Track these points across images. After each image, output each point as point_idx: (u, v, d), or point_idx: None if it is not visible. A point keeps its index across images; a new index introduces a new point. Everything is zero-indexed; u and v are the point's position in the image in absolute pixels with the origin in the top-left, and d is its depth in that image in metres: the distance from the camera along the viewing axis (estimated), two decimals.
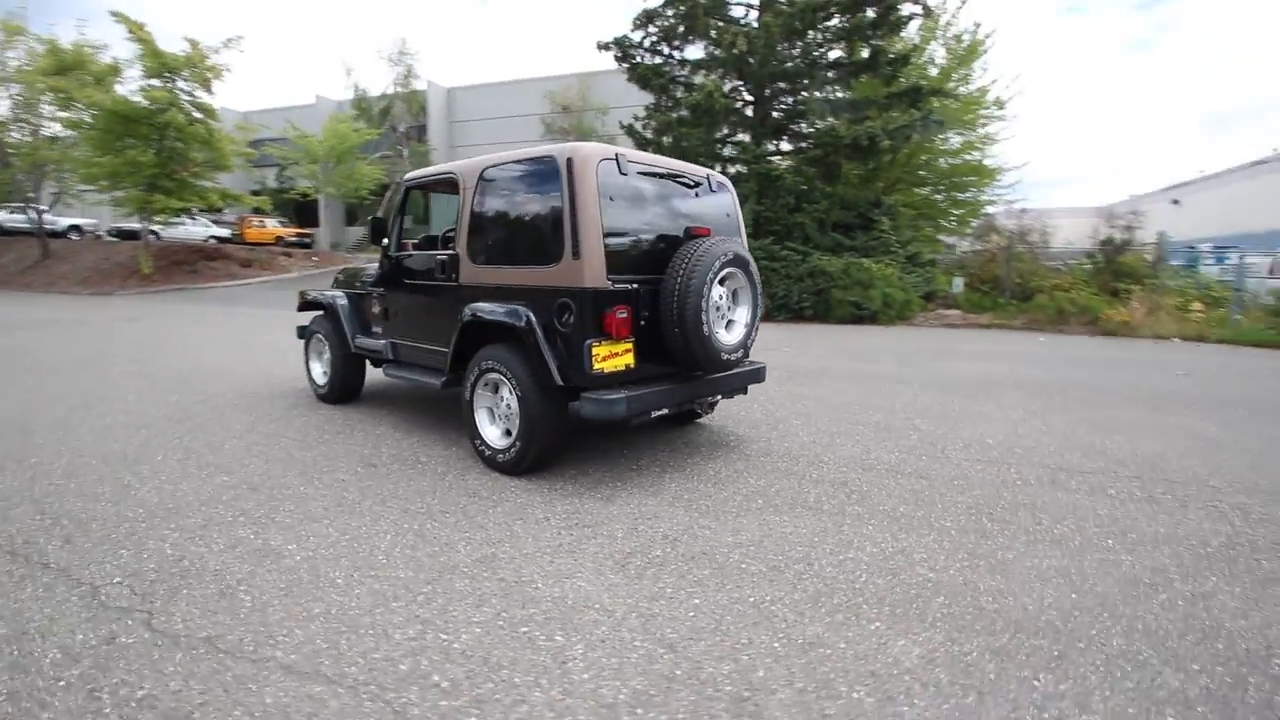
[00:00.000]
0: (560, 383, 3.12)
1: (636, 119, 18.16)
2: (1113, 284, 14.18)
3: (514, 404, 3.37)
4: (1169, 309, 12.76)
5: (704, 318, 3.22)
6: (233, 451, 3.77)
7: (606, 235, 3.10)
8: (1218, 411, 5.45)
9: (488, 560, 2.47)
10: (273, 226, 27.21)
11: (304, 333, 5.35)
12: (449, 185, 3.97)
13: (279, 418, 4.58)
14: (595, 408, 3.08)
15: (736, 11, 16.31)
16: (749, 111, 16.71)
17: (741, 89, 16.61)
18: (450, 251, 3.86)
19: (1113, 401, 5.77)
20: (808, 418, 4.84)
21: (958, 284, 15.90)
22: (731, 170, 17.43)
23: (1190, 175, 28.35)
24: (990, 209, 20.39)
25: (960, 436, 4.43)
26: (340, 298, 4.83)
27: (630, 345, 3.18)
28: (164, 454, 3.69)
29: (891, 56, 16.08)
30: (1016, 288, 15.19)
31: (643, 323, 3.24)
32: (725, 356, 3.40)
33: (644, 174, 3.42)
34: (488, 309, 3.40)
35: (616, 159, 3.24)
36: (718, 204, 3.86)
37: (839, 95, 16.46)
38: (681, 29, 16.40)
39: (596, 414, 3.09)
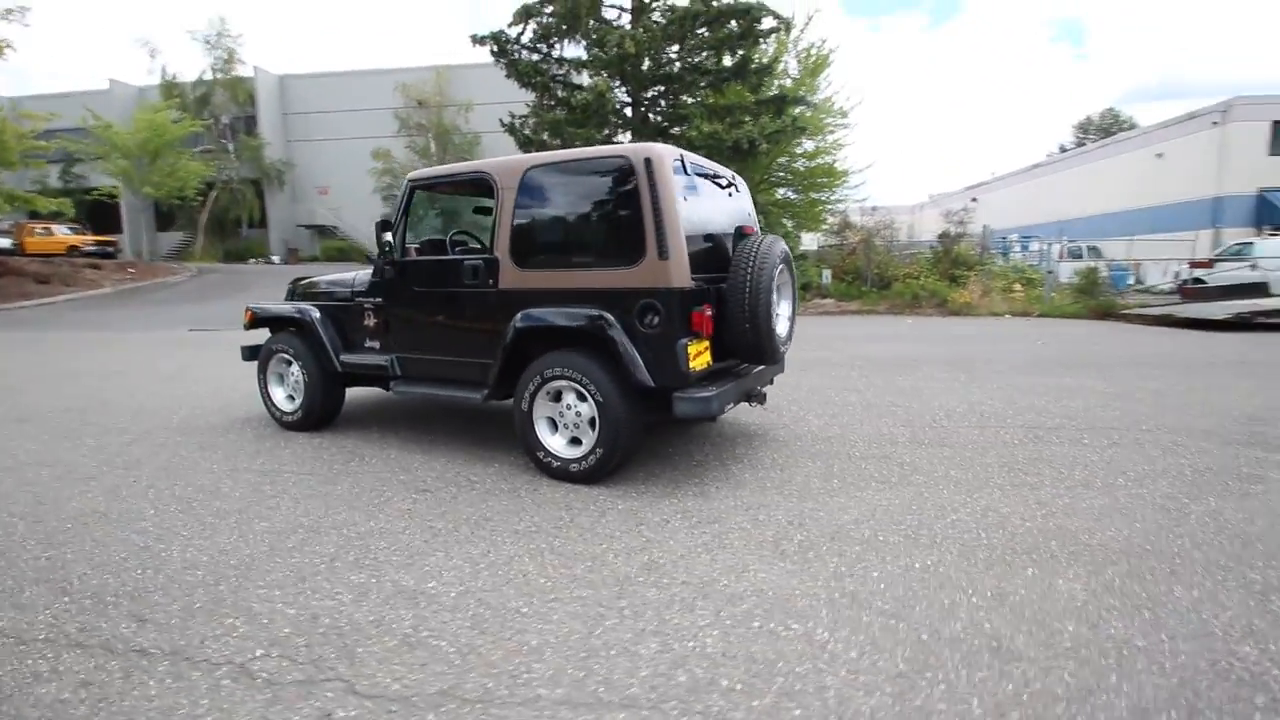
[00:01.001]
0: (651, 384, 3.09)
1: (514, 116, 17.78)
2: (951, 271, 16.54)
3: (585, 410, 3.27)
4: (998, 290, 15.12)
5: (774, 312, 3.37)
6: (241, 495, 3.24)
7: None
8: (1091, 371, 6.68)
9: (654, 566, 2.42)
10: (63, 234, 22.79)
11: (255, 354, 4.68)
12: (475, 185, 3.71)
13: (257, 451, 3.98)
14: (692, 406, 3.10)
15: (609, 14, 16.59)
16: (628, 113, 17.08)
17: (620, 91, 16.91)
18: (481, 256, 3.62)
19: (1012, 370, 6.82)
20: (794, 403, 5.17)
21: (826, 275, 17.58)
22: None
23: (985, 177, 33.64)
24: (841, 207, 22.71)
25: (933, 408, 5.02)
26: (312, 311, 4.29)
27: (708, 343, 3.24)
28: (154, 508, 3.07)
29: (755, 66, 17.27)
30: (876, 277, 17.15)
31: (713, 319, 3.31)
32: (780, 348, 3.58)
33: (698, 174, 3.48)
34: (559, 314, 3.26)
35: (681, 159, 3.27)
36: (744, 203, 4.01)
37: (710, 101, 17.34)
38: (563, 27, 16.31)
39: (694, 412, 3.11)
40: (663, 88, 17.03)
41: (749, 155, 16.36)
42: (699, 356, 3.14)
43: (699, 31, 15.70)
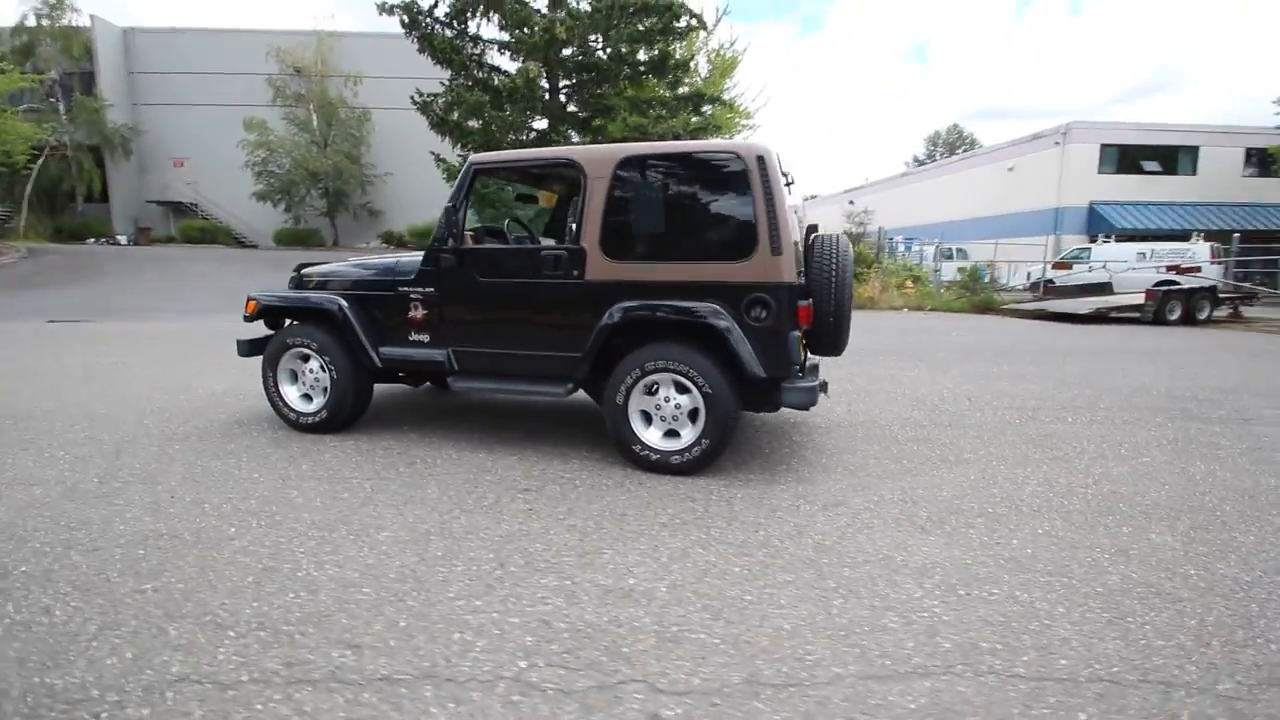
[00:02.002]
0: (763, 376, 3.19)
1: (422, 93, 16.85)
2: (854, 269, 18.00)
3: (685, 402, 3.31)
4: (894, 286, 16.66)
5: (850, 306, 3.59)
6: (323, 504, 2.92)
7: None
8: (1018, 359, 7.66)
9: (824, 548, 2.53)
10: None
11: (256, 349, 4.18)
12: (552, 173, 3.56)
13: (289, 456, 3.57)
14: (801, 396, 3.23)
15: None
16: (546, 99, 16.76)
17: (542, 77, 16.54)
18: (565, 246, 3.51)
19: (956, 359, 7.66)
20: None
21: None
22: None
23: (858, 182, 36.65)
24: None
25: (924, 394, 5.54)
26: (341, 301, 3.91)
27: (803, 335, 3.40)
28: (229, 524, 2.70)
29: (674, 61, 17.61)
30: None
31: None
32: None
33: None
34: (672, 308, 3.25)
35: (776, 157, 3.38)
36: (797, 198, 4.20)
37: (630, 94, 17.45)
38: (480, 5, 15.63)
39: (801, 402, 3.25)
40: (583, 77, 16.87)
41: None
42: (804, 349, 3.29)
43: (622, 23, 15.72)
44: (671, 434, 3.39)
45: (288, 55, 25.83)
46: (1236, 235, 17.39)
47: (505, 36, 16.12)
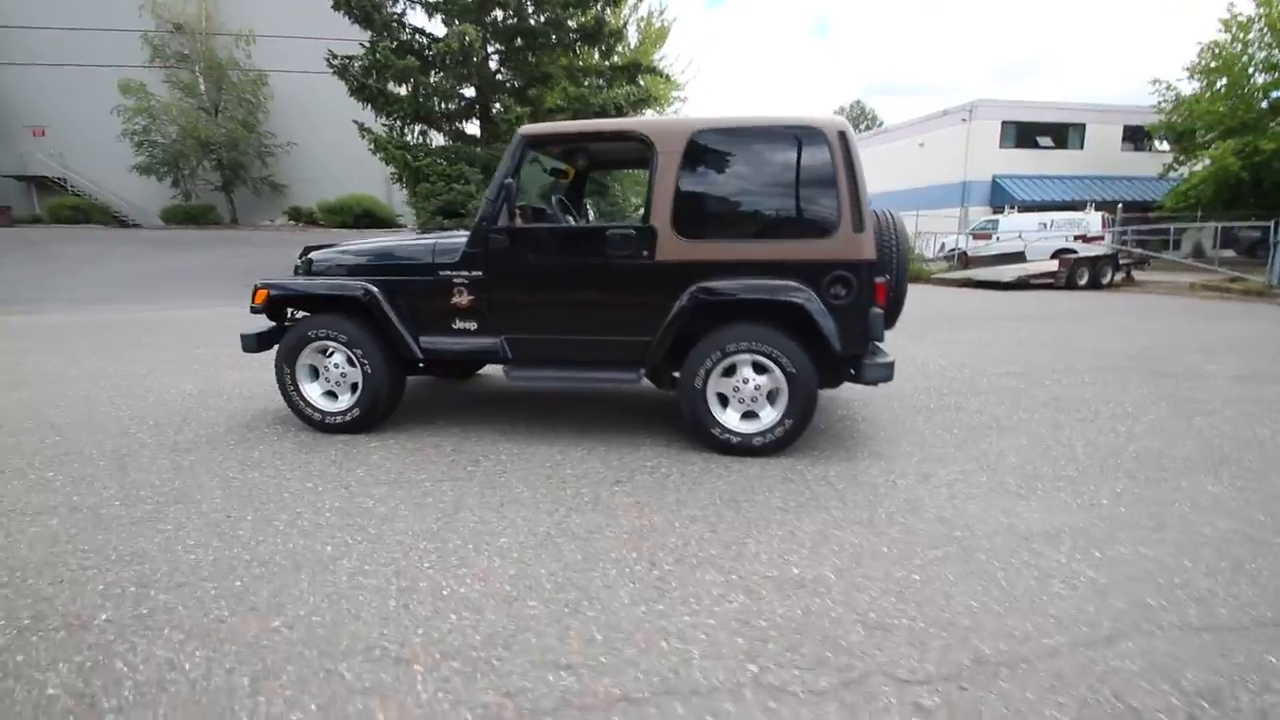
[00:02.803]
0: (842, 354, 3.21)
1: (337, 55, 15.54)
2: None
3: (765, 383, 3.28)
4: None
5: (906, 281, 3.66)
6: (410, 514, 2.67)
7: None
8: (973, 325, 8.18)
9: (946, 520, 2.60)
10: None
11: (264, 343, 3.75)
12: (616, 147, 3.34)
13: (330, 462, 3.24)
14: (881, 372, 3.27)
15: None
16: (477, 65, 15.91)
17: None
18: (633, 225, 3.34)
19: (924, 327, 8.07)
20: None
21: None
22: (472, 129, 16.49)
23: None
24: None
25: (925, 363, 5.81)
26: (373, 288, 3.55)
27: None
28: (321, 544, 2.41)
29: (609, 29, 17.15)
30: None
31: None
32: None
33: None
34: (758, 288, 3.17)
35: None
36: None
37: (564, 62, 16.88)
38: None
39: (882, 377, 3.29)
40: (515, 43, 16.10)
41: None
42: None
43: None
44: (749, 415, 3.35)
45: (165, 9, 22.94)
46: (1120, 205, 19.30)
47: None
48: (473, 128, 16.90)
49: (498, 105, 16.13)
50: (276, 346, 3.72)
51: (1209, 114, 18.98)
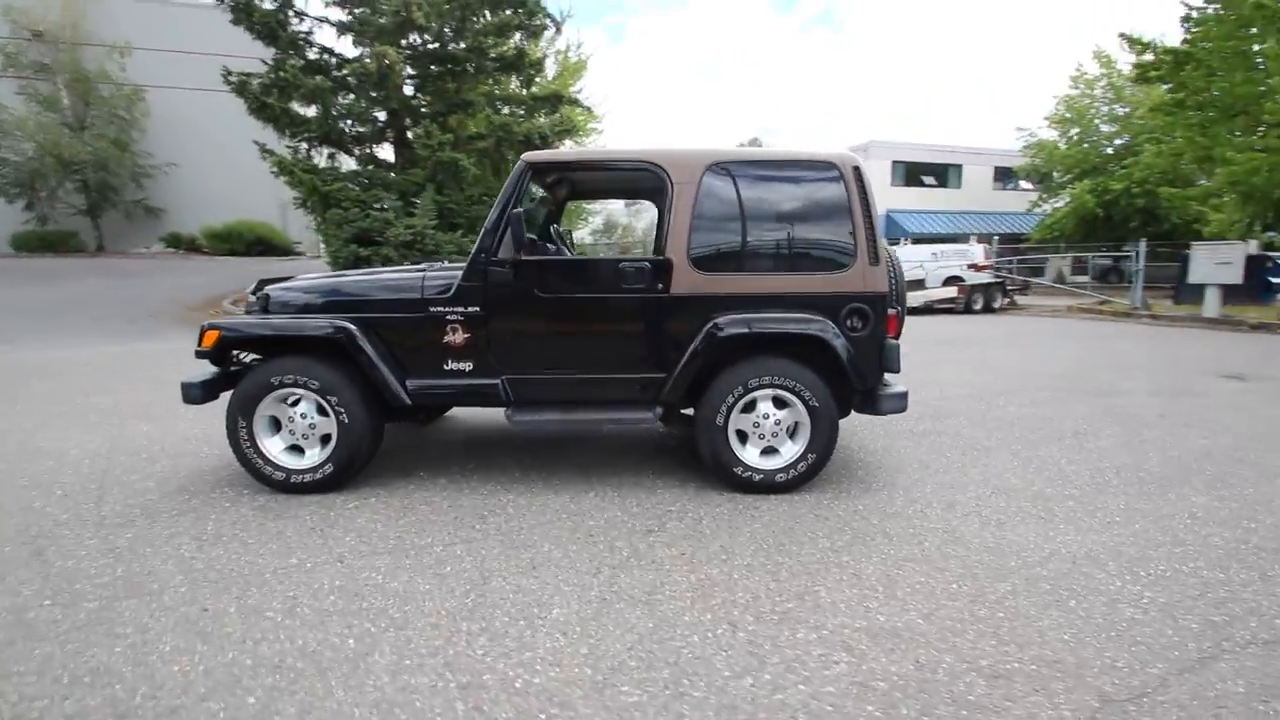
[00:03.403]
0: (862, 387, 3.19)
1: (232, 72, 14.46)
2: None
3: (785, 418, 3.20)
4: None
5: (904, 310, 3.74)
6: (436, 591, 2.32)
7: None
8: (913, 348, 8.63)
9: (994, 549, 2.60)
10: None
11: (210, 392, 3.23)
12: (630, 176, 3.17)
13: (317, 528, 2.79)
14: (896, 403, 3.27)
15: None
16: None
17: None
18: (647, 257, 3.18)
19: None
20: None
21: None
22: (385, 153, 15.75)
23: None
24: (595, 206, 23.90)
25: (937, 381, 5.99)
26: (350, 326, 3.15)
27: None
28: (349, 637, 2.02)
29: (531, 59, 17.11)
30: None
31: None
32: None
33: None
34: (781, 320, 3.09)
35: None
36: None
37: (483, 90, 16.62)
38: None
39: (897, 408, 3.29)
40: (433, 69, 15.68)
41: (536, 150, 16.07)
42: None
43: (483, 10, 14.88)
44: (769, 451, 3.25)
45: (22, 14, 20.41)
46: (996, 238, 21.40)
47: (341, 15, 14.37)
48: (385, 152, 16.18)
49: (414, 130, 15.52)
50: (227, 395, 3.22)
51: (1066, 158, 21.61)
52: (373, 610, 2.16)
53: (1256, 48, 12.20)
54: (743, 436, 3.24)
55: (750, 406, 3.21)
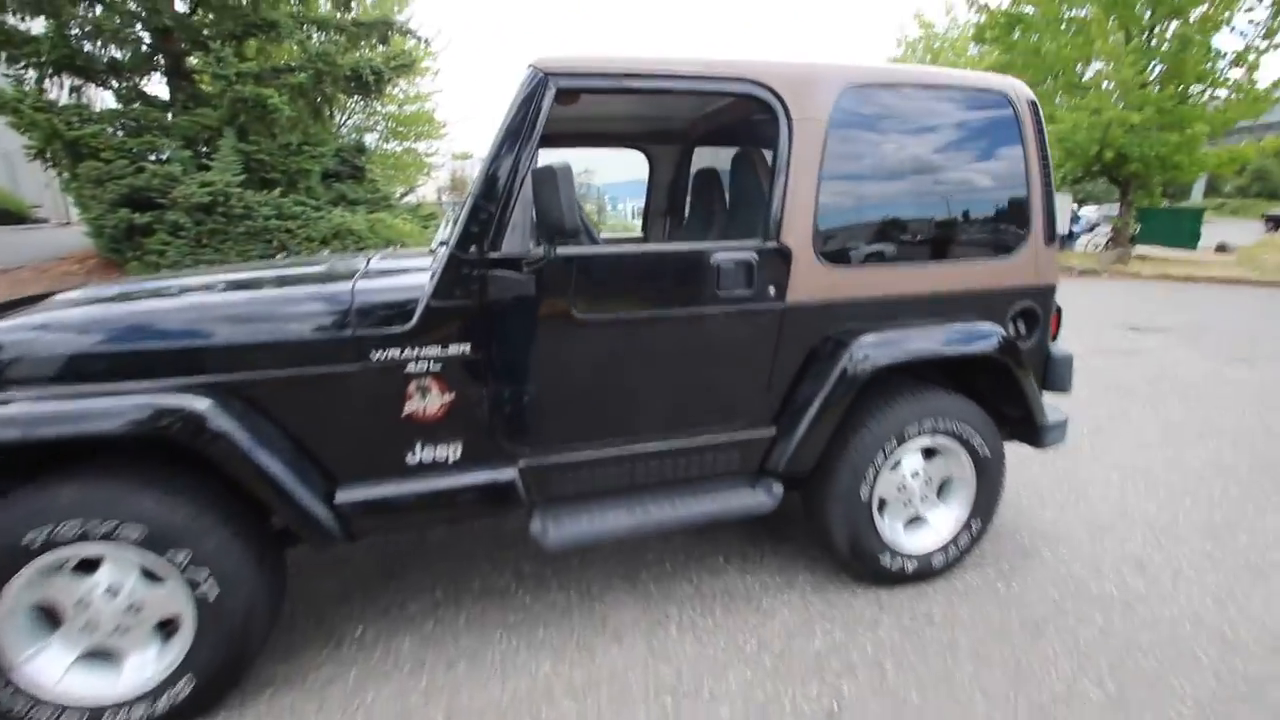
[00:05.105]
0: (1041, 421, 2.28)
1: None
2: None
3: (935, 472, 2.20)
4: None
5: None
6: None
7: None
8: None
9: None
10: None
11: None
12: (709, 103, 1.85)
13: None
14: (1059, 433, 2.39)
15: None
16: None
17: None
18: (752, 246, 1.92)
19: None
20: None
21: None
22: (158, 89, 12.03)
23: None
24: (439, 161, 21.17)
25: None
26: (196, 407, 1.53)
27: None
28: None
29: None
30: None
31: None
32: None
33: None
34: (951, 337, 2.02)
35: None
36: None
37: (289, 9, 13.39)
38: None
39: (1059, 439, 2.41)
40: None
41: (373, 91, 13.41)
42: None
43: None
44: (916, 521, 2.24)
45: None
46: None
47: None
48: (159, 88, 12.38)
49: (198, 57, 11.99)
50: None
51: None
52: None
53: (1081, 12, 13.27)
54: (880, 505, 2.19)
55: (898, 463, 2.16)
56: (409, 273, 1.83)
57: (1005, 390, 2.19)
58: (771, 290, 1.92)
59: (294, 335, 1.63)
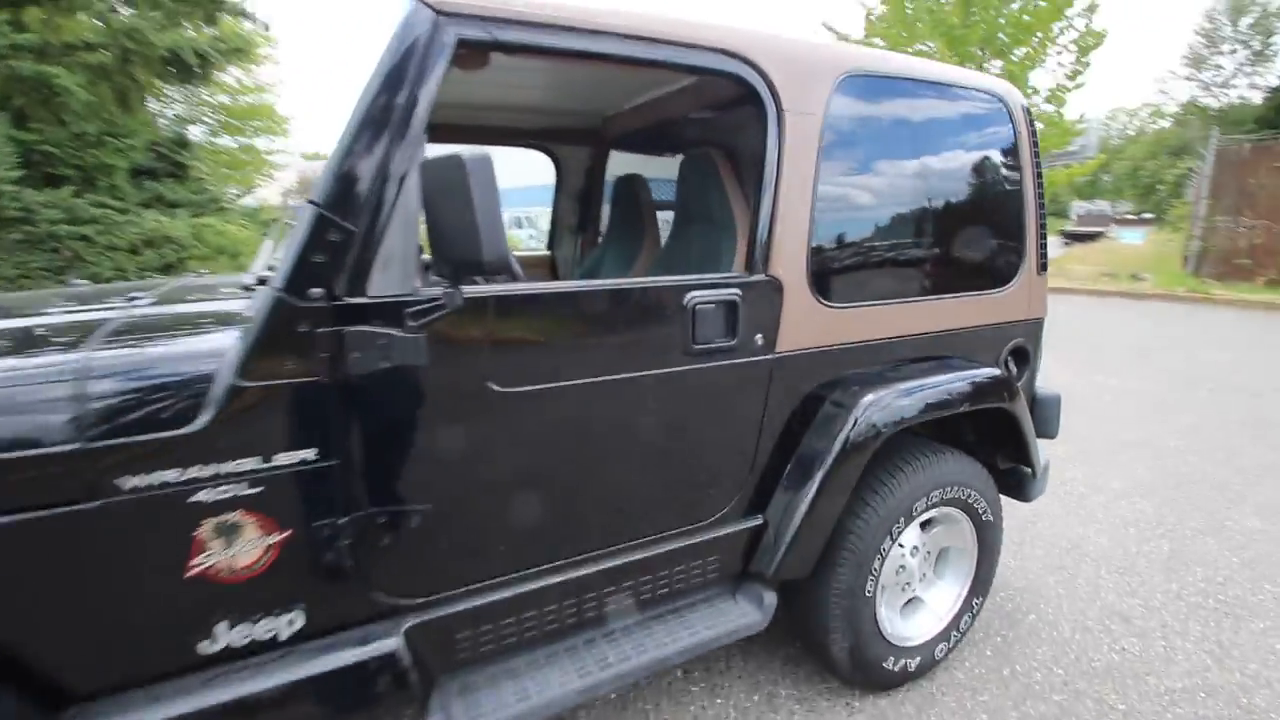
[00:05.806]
0: (1037, 473, 1.98)
1: None
2: None
3: (933, 544, 1.83)
4: None
5: None
6: None
7: None
8: None
9: None
10: None
11: None
12: (666, 79, 1.31)
13: None
14: (1044, 482, 2.12)
15: None
16: None
17: None
18: (735, 279, 1.40)
19: None
20: None
21: None
22: None
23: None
24: (283, 159, 19.02)
25: None
26: None
27: None
28: None
29: None
30: None
31: None
32: None
33: None
34: (952, 388, 1.63)
35: None
36: None
37: None
38: None
39: (1042, 490, 2.13)
40: None
41: (197, 76, 11.49)
42: None
43: None
44: (913, 604, 1.85)
45: None
46: None
47: None
48: None
49: None
50: None
51: None
52: None
53: (927, 46, 14.45)
54: (881, 593, 1.76)
55: (900, 544, 1.74)
56: (202, 325, 1.11)
57: (1004, 441, 1.87)
58: (759, 339, 1.43)
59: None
